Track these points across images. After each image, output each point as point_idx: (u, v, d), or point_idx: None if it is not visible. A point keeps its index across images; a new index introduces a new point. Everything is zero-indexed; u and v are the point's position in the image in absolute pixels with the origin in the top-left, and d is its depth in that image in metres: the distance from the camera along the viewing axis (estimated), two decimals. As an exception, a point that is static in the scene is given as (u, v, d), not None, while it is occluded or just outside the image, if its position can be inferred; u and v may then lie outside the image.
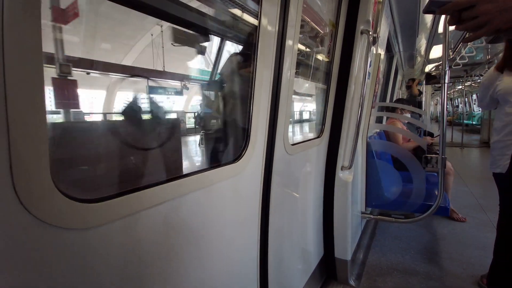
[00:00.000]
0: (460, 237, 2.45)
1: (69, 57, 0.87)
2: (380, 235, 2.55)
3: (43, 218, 0.45)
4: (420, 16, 3.18)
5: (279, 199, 1.23)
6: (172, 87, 1.94)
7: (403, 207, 2.21)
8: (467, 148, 7.71)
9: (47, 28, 0.78)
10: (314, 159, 1.63)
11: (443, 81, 1.72)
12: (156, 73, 1.82)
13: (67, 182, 0.56)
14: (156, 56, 1.88)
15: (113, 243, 0.58)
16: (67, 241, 0.50)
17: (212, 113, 1.34)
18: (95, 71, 1.06)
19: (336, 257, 1.81)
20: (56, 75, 0.81)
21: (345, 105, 1.74)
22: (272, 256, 1.20)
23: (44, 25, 0.47)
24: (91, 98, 1.23)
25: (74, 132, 0.73)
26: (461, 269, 1.96)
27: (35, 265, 0.45)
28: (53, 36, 0.82)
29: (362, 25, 1.66)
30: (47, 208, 0.46)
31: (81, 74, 0.95)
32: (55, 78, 0.80)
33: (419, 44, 4.67)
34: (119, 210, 0.58)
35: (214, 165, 0.90)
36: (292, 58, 1.17)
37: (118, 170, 0.78)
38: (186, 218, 0.77)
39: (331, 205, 1.78)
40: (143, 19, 1.42)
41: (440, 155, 1.81)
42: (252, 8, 1.13)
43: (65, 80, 0.84)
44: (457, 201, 3.23)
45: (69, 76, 0.86)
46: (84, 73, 1.03)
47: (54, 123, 0.57)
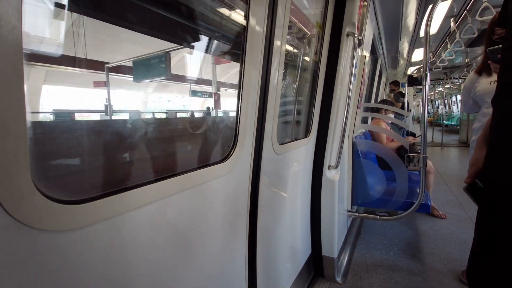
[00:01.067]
0: (440, 233, 2.55)
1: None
2: (365, 232, 2.61)
3: (23, 220, 0.44)
4: (402, 20, 3.29)
5: (267, 199, 1.24)
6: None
7: (387, 205, 2.28)
8: (446, 148, 8.04)
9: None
10: (301, 159, 1.65)
11: (424, 83, 1.79)
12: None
13: (49, 183, 0.54)
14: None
15: (97, 246, 0.56)
16: (48, 244, 0.48)
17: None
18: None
19: (323, 255, 1.84)
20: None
21: (332, 105, 1.77)
22: (261, 255, 1.20)
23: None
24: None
25: (56, 131, 0.70)
26: (442, 265, 2.04)
27: (14, 269, 0.44)
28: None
29: (348, 27, 1.70)
30: (27, 210, 0.44)
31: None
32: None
33: (402, 47, 4.82)
34: (103, 211, 0.57)
35: (202, 165, 0.90)
36: (280, 58, 1.18)
37: (104, 170, 0.76)
38: (173, 219, 0.76)
39: (319, 204, 1.81)
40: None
41: (422, 154, 1.88)
42: (240, 8, 1.13)
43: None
44: (438, 199, 3.36)
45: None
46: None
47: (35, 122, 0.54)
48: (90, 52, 1.16)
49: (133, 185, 0.64)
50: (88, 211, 0.54)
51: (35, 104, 1.10)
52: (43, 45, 0.97)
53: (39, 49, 0.99)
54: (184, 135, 1.09)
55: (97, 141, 0.78)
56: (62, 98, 1.32)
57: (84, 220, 0.53)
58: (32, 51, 0.80)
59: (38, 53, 0.98)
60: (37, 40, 0.91)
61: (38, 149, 0.57)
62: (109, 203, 0.58)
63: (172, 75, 1.66)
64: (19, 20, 0.41)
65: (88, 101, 1.42)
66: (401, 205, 2.19)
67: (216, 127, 1.26)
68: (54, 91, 1.18)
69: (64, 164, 0.68)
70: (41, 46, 0.95)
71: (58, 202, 0.49)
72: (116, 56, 1.58)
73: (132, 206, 0.63)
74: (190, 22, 1.27)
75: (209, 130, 1.17)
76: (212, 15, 1.30)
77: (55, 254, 0.49)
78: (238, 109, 1.01)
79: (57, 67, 1.16)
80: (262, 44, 1.06)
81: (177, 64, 1.84)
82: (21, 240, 0.44)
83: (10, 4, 0.39)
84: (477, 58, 5.85)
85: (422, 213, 2.91)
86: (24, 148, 0.43)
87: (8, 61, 0.40)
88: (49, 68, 1.16)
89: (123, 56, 1.49)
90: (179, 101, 4.49)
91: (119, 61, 1.47)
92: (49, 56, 1.08)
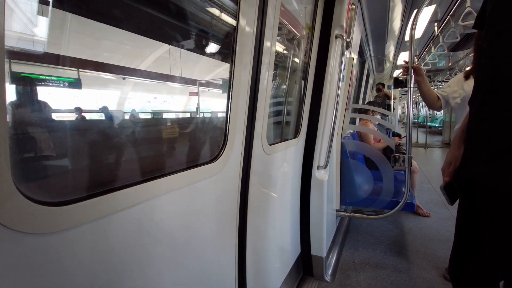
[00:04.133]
0: (425, 231, 2.63)
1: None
2: (353, 231, 2.66)
3: (5, 222, 0.42)
4: (389, 24, 3.37)
5: (257, 199, 1.24)
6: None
7: (374, 204, 2.33)
8: (430, 148, 8.31)
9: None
10: (291, 159, 1.67)
11: (409, 85, 1.84)
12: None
13: (32, 184, 0.53)
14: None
15: (81, 249, 0.55)
16: (31, 247, 0.46)
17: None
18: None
19: (313, 254, 1.86)
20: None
21: (321, 106, 1.80)
22: (250, 255, 1.20)
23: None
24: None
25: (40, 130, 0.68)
26: (427, 262, 2.10)
27: None
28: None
29: (337, 30, 1.73)
30: (8, 212, 0.42)
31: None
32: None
33: (388, 50, 4.95)
34: (88, 213, 0.55)
35: (191, 165, 0.89)
36: (270, 59, 1.19)
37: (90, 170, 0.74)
38: (161, 220, 0.75)
39: (308, 203, 1.82)
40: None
41: (407, 154, 1.93)
42: (230, 8, 1.13)
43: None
44: (422, 197, 3.46)
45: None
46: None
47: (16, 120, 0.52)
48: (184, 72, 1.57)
49: (120, 186, 0.63)
50: (72, 213, 0.52)
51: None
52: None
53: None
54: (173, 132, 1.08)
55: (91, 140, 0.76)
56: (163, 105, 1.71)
57: (68, 222, 0.52)
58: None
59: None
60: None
61: (19, 149, 0.55)
62: (94, 205, 0.56)
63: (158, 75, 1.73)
64: (1, 19, 0.40)
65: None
66: (387, 204, 2.24)
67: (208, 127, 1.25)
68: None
69: (47, 164, 0.66)
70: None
71: (40, 204, 0.47)
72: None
73: (118, 207, 0.61)
74: (180, 22, 1.26)
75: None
76: (202, 15, 1.29)
77: (38, 257, 0.47)
78: (228, 109, 1.00)
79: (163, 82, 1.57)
80: (252, 45, 1.06)
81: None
82: (3, 242, 0.42)
83: None
84: (459, 61, 6.08)
85: (407, 211, 2.99)
86: (5, 148, 0.42)
87: None
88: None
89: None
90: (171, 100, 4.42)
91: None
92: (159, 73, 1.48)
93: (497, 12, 0.67)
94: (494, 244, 0.73)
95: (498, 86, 0.65)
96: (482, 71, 0.73)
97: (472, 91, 0.77)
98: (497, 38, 0.65)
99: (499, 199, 0.68)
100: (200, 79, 1.75)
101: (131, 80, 1.32)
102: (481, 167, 0.69)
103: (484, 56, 0.72)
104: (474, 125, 0.74)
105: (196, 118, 1.72)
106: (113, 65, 1.21)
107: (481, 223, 0.75)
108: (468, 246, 0.80)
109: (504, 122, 0.64)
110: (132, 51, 1.42)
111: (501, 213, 0.69)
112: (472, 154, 0.74)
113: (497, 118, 0.65)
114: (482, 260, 0.75)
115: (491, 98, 0.67)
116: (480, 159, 0.70)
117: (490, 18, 0.70)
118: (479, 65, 0.75)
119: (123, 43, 1.43)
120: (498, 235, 0.71)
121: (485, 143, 0.68)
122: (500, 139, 0.64)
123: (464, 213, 0.81)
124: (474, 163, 0.72)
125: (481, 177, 0.70)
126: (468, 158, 0.76)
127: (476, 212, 0.76)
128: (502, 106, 0.64)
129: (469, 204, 0.79)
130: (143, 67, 1.47)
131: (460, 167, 0.81)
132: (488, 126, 0.68)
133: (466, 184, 0.77)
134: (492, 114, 0.67)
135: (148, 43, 1.41)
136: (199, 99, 1.66)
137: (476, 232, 0.76)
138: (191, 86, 1.72)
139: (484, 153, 0.68)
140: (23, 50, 0.67)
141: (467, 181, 0.77)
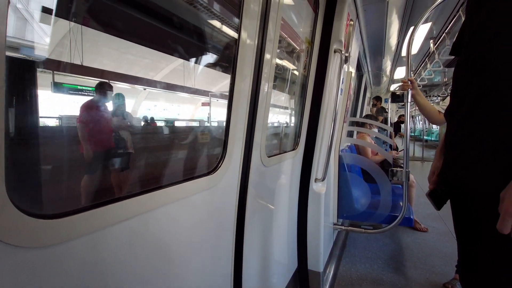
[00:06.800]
0: (422, 246, 2.61)
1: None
2: (350, 245, 2.63)
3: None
4: (386, 40, 3.45)
5: (254, 211, 1.22)
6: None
7: (371, 218, 2.31)
8: (427, 162, 8.34)
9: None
10: (289, 171, 1.66)
11: (406, 100, 1.86)
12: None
13: (25, 196, 0.51)
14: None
15: (74, 263, 0.53)
16: (23, 261, 0.44)
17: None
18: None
19: (309, 269, 1.82)
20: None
21: (319, 119, 1.80)
22: (247, 270, 1.17)
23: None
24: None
25: (35, 139, 0.67)
26: (425, 278, 2.07)
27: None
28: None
29: (335, 44, 1.76)
30: (1, 225, 0.41)
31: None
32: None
33: (385, 65, 5.05)
34: (82, 226, 0.53)
35: (188, 177, 0.87)
36: (270, 71, 1.20)
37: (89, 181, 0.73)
38: (157, 233, 0.73)
39: (305, 216, 1.80)
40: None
41: (405, 169, 1.93)
42: (232, 22, 1.15)
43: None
44: (419, 212, 3.44)
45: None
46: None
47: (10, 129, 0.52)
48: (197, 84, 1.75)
49: (114, 198, 0.62)
50: (66, 226, 0.50)
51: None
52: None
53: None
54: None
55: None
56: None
57: (62, 236, 0.50)
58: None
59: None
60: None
61: (14, 160, 0.54)
62: (89, 218, 0.55)
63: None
64: (3, 24, 0.40)
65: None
66: (385, 218, 2.23)
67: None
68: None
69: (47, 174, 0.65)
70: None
71: (33, 216, 0.46)
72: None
73: (113, 220, 0.60)
74: (186, 35, 1.30)
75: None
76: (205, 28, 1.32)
77: (30, 272, 0.46)
78: (228, 121, 1.00)
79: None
80: (253, 57, 1.07)
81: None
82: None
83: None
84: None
85: (404, 226, 2.97)
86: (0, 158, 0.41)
87: None
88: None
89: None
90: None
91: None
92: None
93: (477, 40, 0.74)
94: (472, 240, 0.77)
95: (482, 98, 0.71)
96: (456, 92, 0.82)
97: (448, 106, 0.86)
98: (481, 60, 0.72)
99: (478, 198, 0.72)
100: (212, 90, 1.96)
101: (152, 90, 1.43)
102: (462, 171, 0.76)
103: (459, 79, 0.81)
104: (451, 137, 0.82)
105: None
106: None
107: (467, 223, 0.79)
108: (462, 246, 0.84)
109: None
110: (150, 64, 1.54)
111: (480, 212, 0.72)
112: (454, 160, 0.81)
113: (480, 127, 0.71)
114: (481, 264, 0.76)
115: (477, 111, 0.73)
116: (462, 163, 0.76)
117: (470, 45, 0.77)
118: (454, 85, 0.84)
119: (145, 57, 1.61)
120: (480, 234, 0.74)
121: (466, 149, 0.74)
122: (479, 146, 0.70)
123: (453, 216, 0.87)
124: (456, 167, 0.79)
125: (461, 180, 0.77)
126: (449, 164, 0.84)
127: (459, 213, 0.83)
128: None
129: (454, 206, 0.85)
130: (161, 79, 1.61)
131: (441, 173, 0.89)
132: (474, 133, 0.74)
133: (450, 188, 0.84)
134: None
135: (165, 57, 1.56)
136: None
137: (466, 232, 0.81)
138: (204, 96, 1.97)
139: (464, 158, 0.75)
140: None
141: (449, 185, 0.84)
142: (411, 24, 3.09)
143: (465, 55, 0.79)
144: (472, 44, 0.75)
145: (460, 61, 0.82)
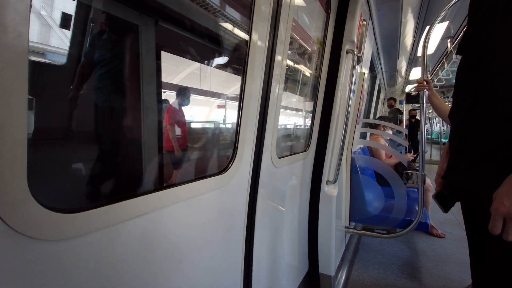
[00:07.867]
0: (439, 252, 2.51)
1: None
2: (363, 249, 2.57)
3: (17, 228, 0.43)
4: (400, 40, 3.38)
5: (265, 212, 1.22)
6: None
7: (385, 222, 2.25)
8: (444, 166, 8.04)
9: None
10: (300, 173, 1.65)
11: (422, 101, 1.82)
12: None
13: (46, 190, 0.54)
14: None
15: (90, 256, 0.55)
16: (42, 253, 0.47)
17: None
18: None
19: (320, 272, 1.80)
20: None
21: (331, 120, 1.79)
22: (257, 271, 1.17)
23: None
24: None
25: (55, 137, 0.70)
26: (441, 285, 2.00)
27: (6, 277, 0.42)
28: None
29: (348, 45, 1.74)
30: (21, 218, 0.43)
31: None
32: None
33: (400, 66, 4.93)
34: (98, 221, 0.56)
35: (199, 177, 0.89)
36: (281, 72, 1.20)
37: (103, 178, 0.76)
38: (168, 231, 0.75)
39: (316, 219, 1.78)
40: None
41: (420, 172, 1.87)
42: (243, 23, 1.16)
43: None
44: (436, 217, 3.33)
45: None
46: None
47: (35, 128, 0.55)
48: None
49: (129, 195, 0.64)
50: (83, 220, 0.53)
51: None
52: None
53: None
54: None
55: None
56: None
57: (79, 230, 0.52)
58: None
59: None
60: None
61: (36, 156, 0.57)
62: (104, 213, 0.57)
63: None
64: (26, 26, 0.42)
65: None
66: (399, 222, 2.17)
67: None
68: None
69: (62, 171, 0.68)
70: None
71: (53, 210, 0.48)
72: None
73: (126, 216, 0.62)
74: (200, 38, 1.34)
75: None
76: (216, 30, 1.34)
77: (48, 264, 0.48)
78: (238, 121, 1.01)
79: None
80: (264, 58, 1.08)
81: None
82: (14, 248, 0.43)
83: (17, 12, 0.40)
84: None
85: (420, 231, 2.88)
86: (22, 154, 0.43)
87: (11, 66, 0.40)
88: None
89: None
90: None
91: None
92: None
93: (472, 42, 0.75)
94: (479, 244, 0.77)
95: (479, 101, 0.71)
96: (457, 91, 0.82)
97: (451, 108, 0.86)
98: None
99: (478, 202, 0.71)
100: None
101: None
102: (461, 175, 0.76)
103: (460, 79, 0.81)
104: (454, 138, 0.82)
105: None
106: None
107: (473, 227, 0.80)
108: (471, 249, 0.84)
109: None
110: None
111: (482, 215, 0.70)
112: (456, 163, 0.81)
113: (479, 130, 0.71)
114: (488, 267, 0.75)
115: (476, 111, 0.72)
116: (461, 167, 0.76)
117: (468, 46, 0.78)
118: (456, 87, 0.83)
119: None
120: (485, 236, 0.71)
121: (468, 152, 0.74)
122: (478, 150, 0.70)
123: (463, 217, 0.86)
124: (457, 171, 0.79)
125: (462, 184, 0.76)
126: (452, 167, 0.83)
127: (465, 216, 0.83)
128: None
129: (464, 210, 0.84)
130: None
131: (445, 176, 0.89)
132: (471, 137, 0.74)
133: (456, 192, 0.83)
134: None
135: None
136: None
137: (473, 236, 0.81)
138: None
139: (465, 161, 0.74)
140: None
141: (455, 189, 0.83)
142: (427, 23, 3.01)
143: (465, 57, 0.79)
144: (470, 46, 0.76)
145: (460, 62, 0.82)
